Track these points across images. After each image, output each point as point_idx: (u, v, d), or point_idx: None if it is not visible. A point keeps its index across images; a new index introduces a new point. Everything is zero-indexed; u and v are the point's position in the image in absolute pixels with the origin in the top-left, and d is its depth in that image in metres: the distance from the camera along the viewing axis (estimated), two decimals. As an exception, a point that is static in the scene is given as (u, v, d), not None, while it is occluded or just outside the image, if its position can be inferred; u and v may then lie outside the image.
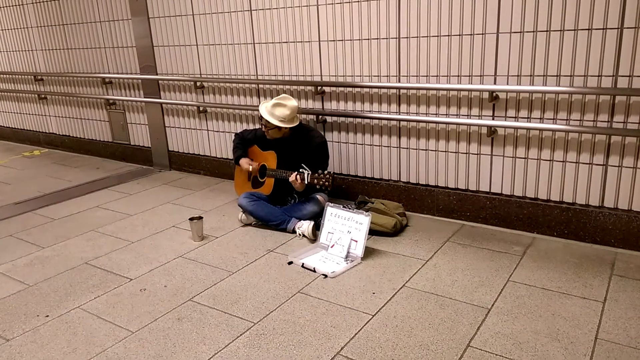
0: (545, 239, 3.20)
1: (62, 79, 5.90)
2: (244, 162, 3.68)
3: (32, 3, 5.78)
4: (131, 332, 2.41)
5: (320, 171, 3.26)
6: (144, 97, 5.10)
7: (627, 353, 2.10)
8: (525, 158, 3.20)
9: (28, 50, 6.13)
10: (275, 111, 3.42)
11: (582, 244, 3.10)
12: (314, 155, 3.49)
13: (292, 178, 3.32)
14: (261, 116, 3.48)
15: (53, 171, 5.41)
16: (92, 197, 4.48)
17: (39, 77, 6.10)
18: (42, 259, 3.27)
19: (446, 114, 3.40)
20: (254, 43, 4.17)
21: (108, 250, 3.34)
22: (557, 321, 2.33)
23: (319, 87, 3.88)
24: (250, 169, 3.66)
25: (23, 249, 3.43)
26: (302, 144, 3.56)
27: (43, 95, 6.16)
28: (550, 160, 3.12)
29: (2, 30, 6.36)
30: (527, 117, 3.12)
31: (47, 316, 2.59)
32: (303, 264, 2.97)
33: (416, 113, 3.52)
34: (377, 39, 3.52)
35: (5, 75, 6.61)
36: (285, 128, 3.49)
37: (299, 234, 3.39)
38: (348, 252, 3.02)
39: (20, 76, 6.39)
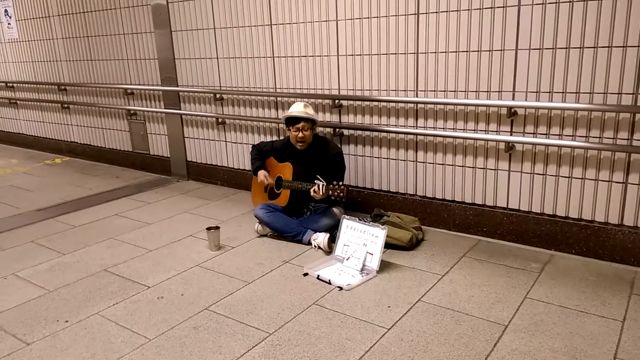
0: (563, 256, 3.17)
1: (85, 89, 6.04)
2: (261, 174, 3.72)
3: (58, 15, 5.95)
4: (148, 340, 2.44)
5: (334, 182, 3.29)
6: (164, 108, 5.19)
7: (648, 374, 2.07)
8: (543, 174, 3.19)
9: (53, 61, 6.29)
10: (308, 110, 3.56)
11: (601, 262, 3.06)
12: (330, 166, 3.52)
13: (312, 192, 3.34)
14: (293, 127, 3.54)
15: (74, 179, 5.52)
16: (111, 205, 4.56)
17: (63, 87, 6.25)
18: (63, 265, 3.33)
19: (464, 129, 3.41)
20: (273, 57, 4.23)
21: (127, 258, 3.39)
22: (575, 340, 2.31)
23: (336, 101, 3.92)
24: (266, 183, 3.70)
25: (44, 255, 3.50)
26: (319, 155, 3.59)
27: (66, 105, 6.31)
28: (569, 177, 3.10)
29: (28, 41, 6.55)
30: (546, 134, 3.11)
31: (67, 321, 2.64)
32: (318, 275, 2.98)
33: (433, 127, 3.53)
34: (396, 53, 3.56)
35: (30, 85, 6.79)
36: (316, 125, 3.63)
37: (315, 246, 3.40)
38: (364, 265, 3.02)
39: (44, 86, 6.56)
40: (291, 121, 3.55)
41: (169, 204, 4.54)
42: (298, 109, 3.55)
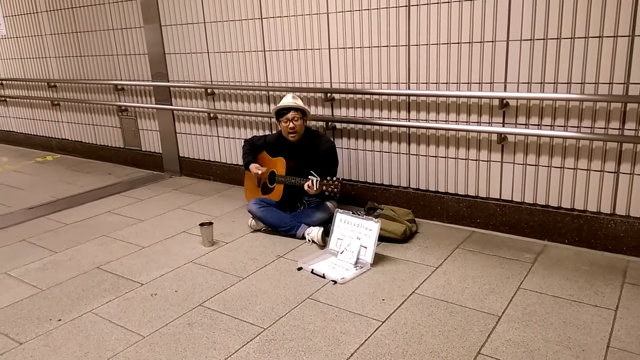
0: (556, 246, 3.18)
1: (75, 86, 5.98)
2: (253, 167, 3.70)
3: (47, 11, 5.88)
4: (142, 337, 2.43)
5: (329, 177, 3.28)
6: (156, 104, 5.16)
7: (640, 362, 2.08)
8: (535, 165, 3.19)
9: (42, 58, 6.22)
10: (297, 101, 3.57)
11: (593, 252, 3.08)
12: (323, 160, 3.51)
13: (306, 187, 3.33)
14: (283, 118, 3.51)
15: (65, 177, 5.48)
16: (103, 202, 4.53)
17: (52, 84, 6.19)
18: (55, 263, 3.31)
19: (456, 121, 3.41)
20: (264, 50, 4.21)
21: (119, 255, 3.37)
22: (569, 329, 2.32)
23: (328, 94, 3.90)
24: (259, 173, 3.67)
25: (36, 254, 3.47)
26: (311, 149, 3.58)
27: (56, 102, 6.25)
28: (561, 168, 3.11)
29: (17, 38, 6.47)
30: (538, 124, 3.11)
31: (60, 320, 2.62)
32: (312, 270, 2.98)
33: (426, 120, 3.53)
34: (387, 46, 3.54)
35: (19, 82, 6.72)
36: (307, 116, 3.62)
37: (309, 240, 3.40)
38: (357, 259, 3.02)
39: (34, 83, 6.49)
40: (281, 113, 3.53)
41: (161, 200, 4.51)
42: (287, 100, 3.55)
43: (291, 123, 3.51)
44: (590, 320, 2.38)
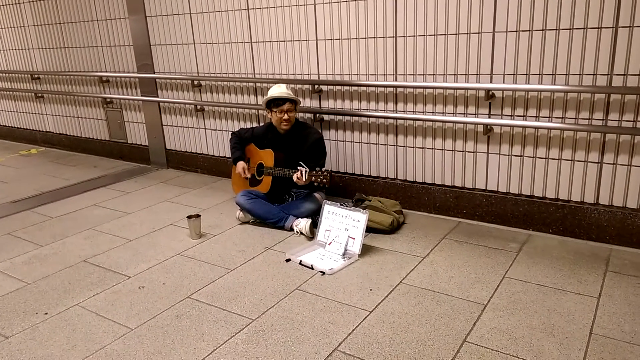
0: (541, 235, 3.23)
1: (59, 78, 5.90)
2: (239, 166, 3.69)
3: (29, 2, 5.78)
4: (130, 329, 2.42)
5: (317, 169, 3.28)
6: (142, 96, 5.11)
7: (621, 347, 2.12)
8: (521, 156, 3.23)
9: (25, 49, 6.12)
10: (290, 91, 3.54)
11: (577, 241, 3.13)
12: (311, 152, 3.51)
13: (295, 178, 3.33)
14: (277, 109, 3.48)
15: (50, 170, 5.41)
16: (89, 195, 4.49)
17: (36, 76, 6.10)
18: (41, 257, 3.28)
19: (443, 112, 3.42)
20: (251, 42, 4.18)
21: (106, 248, 3.35)
22: (552, 316, 2.36)
23: (316, 86, 3.89)
24: (243, 175, 3.66)
25: (21, 247, 3.44)
26: (300, 141, 3.58)
27: (40, 94, 6.16)
28: (545, 158, 3.15)
29: (-2, 28, 6.36)
30: (523, 116, 3.14)
31: (46, 314, 2.60)
32: (301, 261, 2.99)
33: (413, 111, 3.54)
34: (374, 37, 3.54)
35: (2, 74, 6.60)
36: (297, 107, 3.59)
37: (297, 232, 3.41)
38: (345, 250, 3.03)
39: (17, 75, 6.38)
40: (275, 103, 3.50)
41: (148, 193, 4.48)
42: (281, 90, 3.51)
43: (286, 114, 3.49)
44: (573, 307, 2.42)
